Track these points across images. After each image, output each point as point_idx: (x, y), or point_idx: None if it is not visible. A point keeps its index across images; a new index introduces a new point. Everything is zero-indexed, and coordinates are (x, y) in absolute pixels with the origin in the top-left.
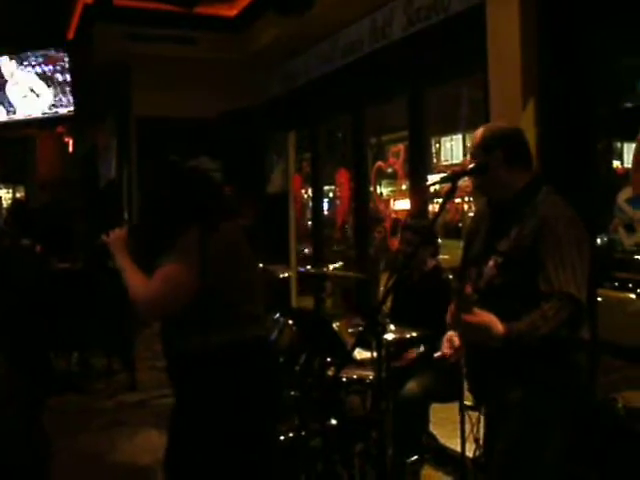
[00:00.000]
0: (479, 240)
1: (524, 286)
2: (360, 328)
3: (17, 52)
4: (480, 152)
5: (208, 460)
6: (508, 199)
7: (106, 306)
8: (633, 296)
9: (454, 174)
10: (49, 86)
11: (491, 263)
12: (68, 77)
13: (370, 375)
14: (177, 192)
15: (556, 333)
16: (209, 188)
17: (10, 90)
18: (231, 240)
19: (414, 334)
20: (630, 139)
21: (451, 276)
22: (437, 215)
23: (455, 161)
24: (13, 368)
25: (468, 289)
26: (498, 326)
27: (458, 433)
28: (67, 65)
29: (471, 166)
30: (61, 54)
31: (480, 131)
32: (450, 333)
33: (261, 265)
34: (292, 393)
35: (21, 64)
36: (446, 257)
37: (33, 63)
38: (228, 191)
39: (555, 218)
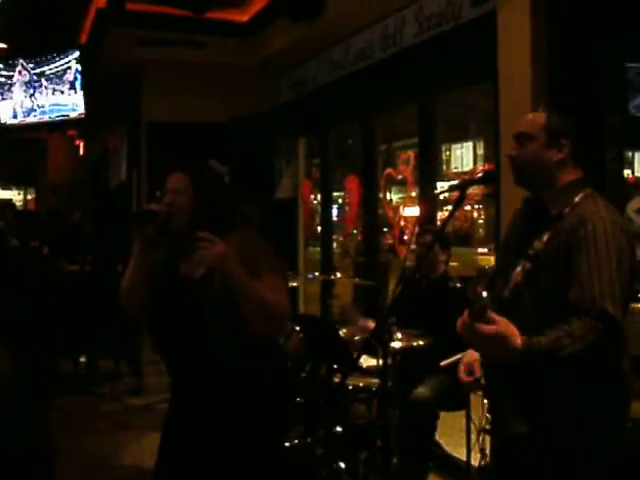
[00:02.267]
0: (511, 246)
1: (553, 297)
2: (367, 335)
3: (31, 56)
4: (542, 136)
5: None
6: (547, 198)
7: (114, 309)
8: None
9: (463, 182)
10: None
11: (518, 269)
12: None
13: (376, 382)
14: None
15: (583, 355)
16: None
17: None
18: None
19: (421, 342)
20: None
21: (459, 284)
22: (445, 222)
23: (465, 169)
24: (19, 369)
25: (480, 290)
26: (516, 339)
27: (464, 442)
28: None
29: (480, 174)
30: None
31: (541, 113)
32: (469, 358)
33: None
34: (298, 399)
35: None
36: (455, 264)
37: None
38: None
39: (594, 219)
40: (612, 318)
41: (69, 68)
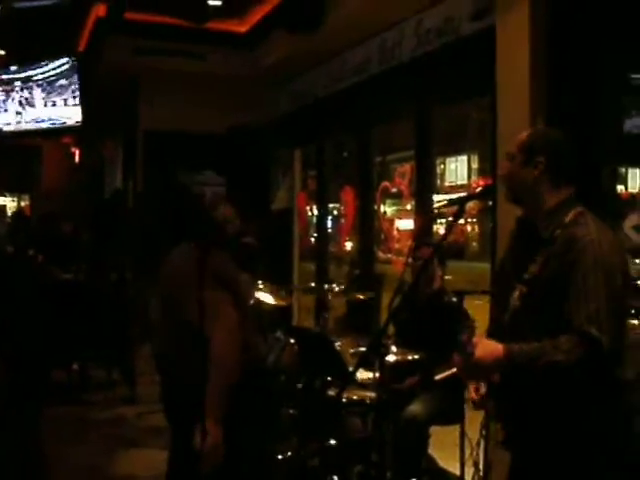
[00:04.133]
0: (507, 269)
1: (551, 320)
2: (362, 349)
3: (28, 63)
4: (519, 155)
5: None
6: (538, 219)
7: (107, 318)
8: (637, 322)
9: (463, 197)
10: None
11: (516, 293)
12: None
13: (371, 396)
14: (169, 208)
15: (569, 369)
16: (201, 210)
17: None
18: (225, 266)
19: (416, 356)
20: (634, 165)
21: (454, 299)
22: (445, 236)
23: (460, 182)
24: (11, 378)
25: (465, 337)
26: (498, 350)
27: (458, 456)
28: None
29: (479, 190)
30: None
31: (525, 133)
32: None
33: (260, 284)
34: (292, 412)
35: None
36: (448, 278)
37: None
38: (229, 211)
39: (584, 242)
40: (596, 342)
41: (61, 74)
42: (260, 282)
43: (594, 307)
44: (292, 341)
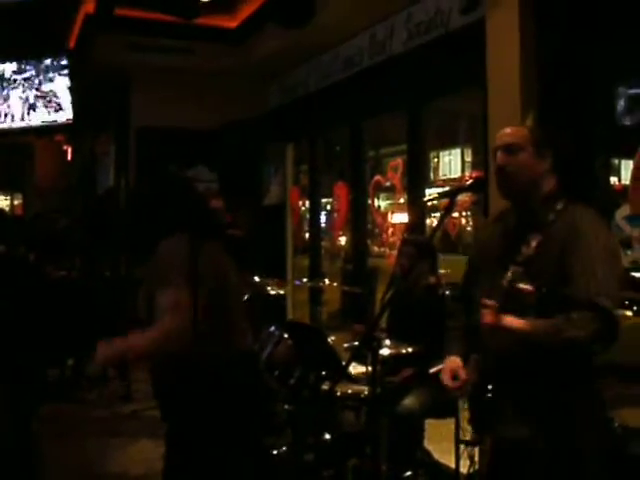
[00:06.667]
0: (492, 251)
1: (550, 298)
2: (356, 342)
3: (17, 60)
4: (530, 148)
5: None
6: (532, 206)
7: (101, 314)
8: (629, 313)
9: (453, 189)
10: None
11: (508, 275)
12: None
13: (365, 390)
14: (160, 198)
15: (587, 345)
16: (193, 199)
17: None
18: (216, 259)
19: (409, 350)
20: (627, 156)
21: (448, 292)
22: (435, 230)
23: (453, 175)
24: (5, 377)
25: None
26: (520, 321)
27: (453, 449)
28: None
29: (469, 182)
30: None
31: (522, 127)
32: (452, 364)
33: (257, 279)
34: (286, 407)
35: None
36: (442, 272)
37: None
38: (220, 204)
39: (587, 225)
40: (608, 313)
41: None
42: (257, 277)
43: (603, 282)
44: (286, 335)
